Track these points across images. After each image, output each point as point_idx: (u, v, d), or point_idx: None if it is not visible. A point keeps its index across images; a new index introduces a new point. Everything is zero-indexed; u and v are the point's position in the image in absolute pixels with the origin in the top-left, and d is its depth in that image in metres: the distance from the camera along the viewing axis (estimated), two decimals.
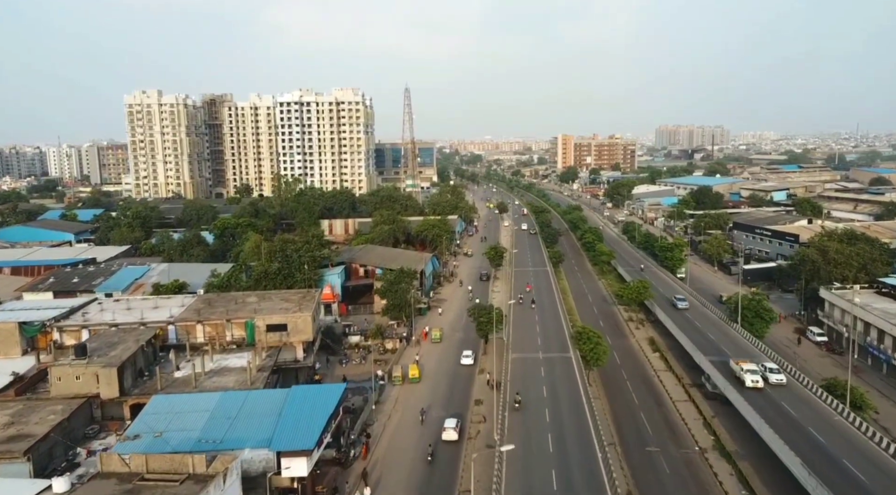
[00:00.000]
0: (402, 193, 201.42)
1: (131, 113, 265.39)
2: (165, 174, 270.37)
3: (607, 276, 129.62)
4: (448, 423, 61.68)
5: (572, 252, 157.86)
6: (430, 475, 54.94)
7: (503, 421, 58.18)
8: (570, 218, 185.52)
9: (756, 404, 59.87)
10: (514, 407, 61.43)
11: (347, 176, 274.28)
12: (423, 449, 58.59)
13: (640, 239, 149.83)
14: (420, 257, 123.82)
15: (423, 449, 58.76)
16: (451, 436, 60.28)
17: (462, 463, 56.30)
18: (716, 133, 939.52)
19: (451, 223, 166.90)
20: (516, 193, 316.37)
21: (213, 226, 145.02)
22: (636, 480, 53.30)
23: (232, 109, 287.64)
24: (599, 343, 71.65)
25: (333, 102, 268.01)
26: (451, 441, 60.03)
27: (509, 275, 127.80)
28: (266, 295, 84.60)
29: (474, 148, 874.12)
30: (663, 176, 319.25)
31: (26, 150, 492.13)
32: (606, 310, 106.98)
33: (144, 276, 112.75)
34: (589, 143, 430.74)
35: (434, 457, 57.25)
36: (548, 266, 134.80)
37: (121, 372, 58.68)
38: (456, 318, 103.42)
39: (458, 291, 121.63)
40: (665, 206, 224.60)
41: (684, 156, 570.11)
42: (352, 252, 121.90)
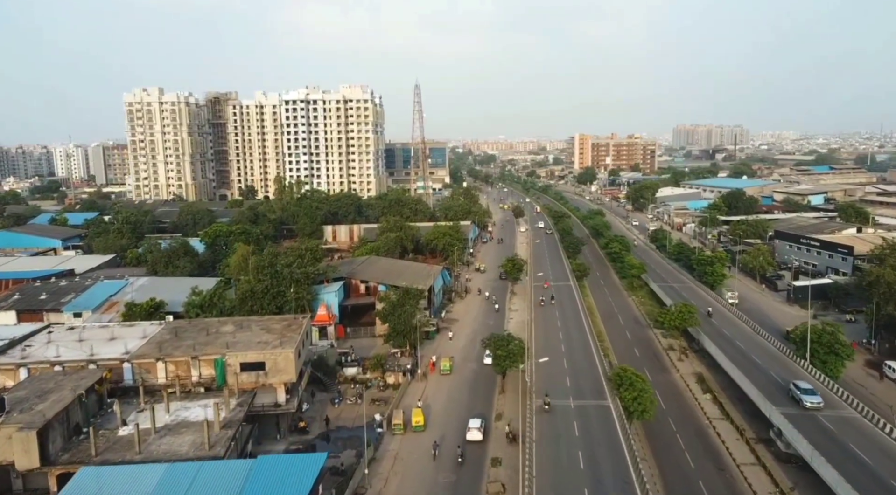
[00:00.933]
0: (412, 197, 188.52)
1: (131, 111, 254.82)
2: (166, 175, 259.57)
3: (638, 292, 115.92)
4: (472, 423, 61.63)
5: (596, 263, 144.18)
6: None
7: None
8: (593, 224, 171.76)
9: (850, 474, 46.47)
10: (543, 409, 60.64)
11: (355, 177, 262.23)
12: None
13: (672, 249, 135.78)
14: (429, 271, 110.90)
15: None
16: (476, 437, 60.33)
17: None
18: (735, 132, 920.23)
19: (463, 230, 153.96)
20: (532, 195, 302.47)
21: (204, 234, 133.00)
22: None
23: (236, 108, 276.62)
24: (645, 390, 58.31)
25: (341, 100, 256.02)
26: (475, 441, 59.95)
27: (528, 291, 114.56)
28: (245, 322, 72.04)
29: (488, 148, 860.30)
30: (687, 177, 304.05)
31: (33, 150, 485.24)
32: (641, 334, 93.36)
33: (120, 292, 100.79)
34: (607, 143, 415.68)
35: (464, 458, 56.98)
36: (571, 280, 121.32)
37: (44, 435, 46.29)
38: (469, 344, 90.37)
39: (472, 309, 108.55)
40: (692, 211, 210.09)
41: (705, 157, 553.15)
42: (352, 265, 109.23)
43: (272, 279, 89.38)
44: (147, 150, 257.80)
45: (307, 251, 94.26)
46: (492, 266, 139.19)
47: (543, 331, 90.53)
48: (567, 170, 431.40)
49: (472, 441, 60.18)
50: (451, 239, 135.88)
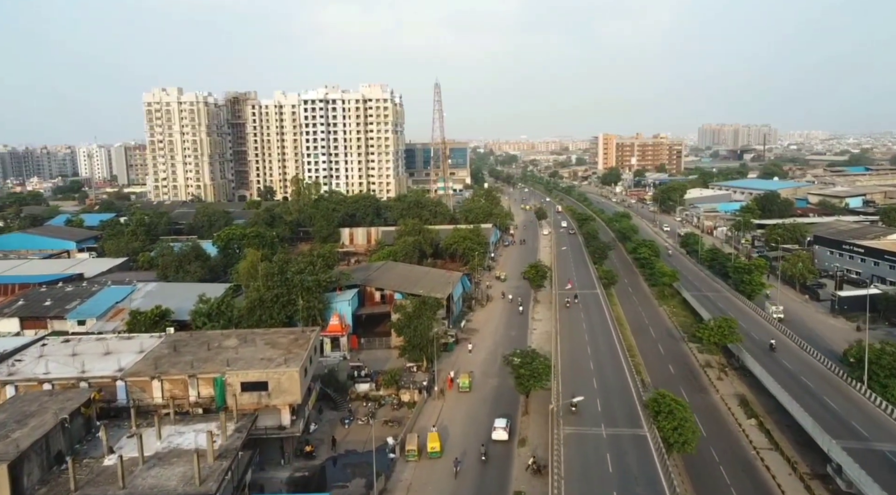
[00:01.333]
0: (431, 199, 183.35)
1: (150, 111, 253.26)
2: (185, 176, 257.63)
3: (669, 302, 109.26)
4: (498, 423, 61.62)
5: (624, 269, 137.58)
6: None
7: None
8: (619, 227, 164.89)
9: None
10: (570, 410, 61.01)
11: (375, 178, 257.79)
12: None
13: (705, 255, 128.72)
14: (448, 277, 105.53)
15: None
16: (502, 436, 60.25)
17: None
18: (762, 132, 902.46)
19: (484, 233, 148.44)
20: (555, 197, 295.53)
21: (216, 237, 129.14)
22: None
23: (255, 108, 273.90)
24: (686, 419, 52.30)
25: (360, 100, 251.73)
26: (501, 440, 59.84)
27: (553, 298, 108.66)
28: (250, 336, 67.22)
29: (509, 148, 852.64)
30: (715, 178, 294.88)
31: (58, 151, 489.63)
32: (675, 349, 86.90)
33: (127, 299, 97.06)
34: (632, 143, 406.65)
35: (487, 458, 56.92)
36: (598, 288, 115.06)
37: (18, 467, 41.75)
38: (490, 357, 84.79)
39: (493, 318, 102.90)
40: (723, 213, 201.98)
41: (733, 157, 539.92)
42: (367, 271, 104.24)
43: (282, 287, 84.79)
44: (166, 151, 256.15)
45: (319, 257, 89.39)
46: (513, 272, 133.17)
47: (569, 344, 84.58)
48: (591, 170, 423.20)
49: (497, 440, 60.14)
50: (471, 243, 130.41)
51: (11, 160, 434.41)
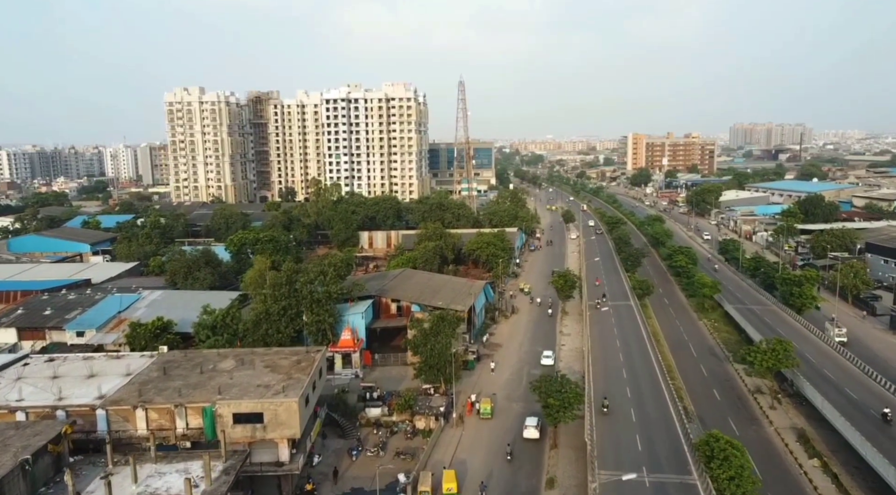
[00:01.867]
0: (454, 201, 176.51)
1: (171, 111, 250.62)
2: (206, 176, 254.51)
3: (710, 315, 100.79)
4: (529, 422, 62.36)
5: (658, 277, 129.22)
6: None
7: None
8: (652, 232, 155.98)
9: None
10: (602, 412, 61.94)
11: (397, 179, 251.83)
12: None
13: (747, 263, 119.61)
14: (469, 287, 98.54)
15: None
16: (533, 435, 61.03)
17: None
18: (796, 131, 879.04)
19: (509, 237, 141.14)
20: (582, 198, 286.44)
21: (229, 242, 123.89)
22: None
23: (277, 108, 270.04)
24: (744, 467, 44.65)
25: (383, 99, 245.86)
26: (532, 439, 60.82)
27: (583, 312, 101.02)
28: (249, 356, 61.01)
29: (535, 148, 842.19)
30: (750, 179, 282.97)
31: (85, 151, 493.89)
32: (719, 371, 78.72)
33: (131, 308, 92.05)
34: (662, 143, 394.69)
35: (513, 457, 57.88)
36: (631, 299, 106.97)
37: None
38: (514, 377, 77.71)
39: (518, 331, 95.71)
40: (761, 217, 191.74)
41: (767, 157, 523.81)
42: (383, 280, 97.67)
43: (290, 299, 78.70)
44: (187, 151, 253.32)
45: (330, 267, 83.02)
46: (540, 281, 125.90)
47: (603, 366, 76.93)
48: (619, 171, 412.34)
49: (528, 439, 60.91)
50: (495, 249, 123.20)
51: (40, 160, 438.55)
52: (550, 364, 69.84)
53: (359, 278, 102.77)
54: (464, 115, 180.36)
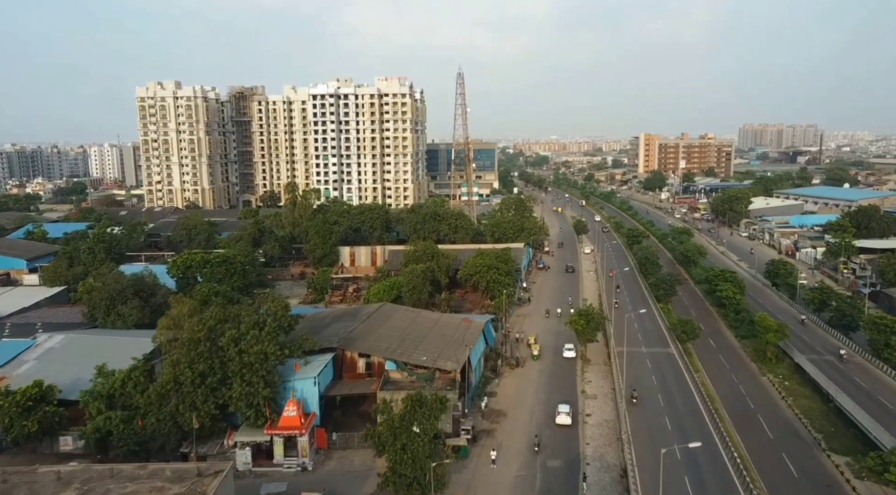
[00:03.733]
0: (451, 210, 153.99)
1: (143, 107, 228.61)
2: (181, 179, 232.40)
3: (774, 367, 78.26)
4: (562, 408, 63.62)
5: (694, 306, 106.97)
6: None
7: None
8: (683, 249, 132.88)
9: None
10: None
11: (391, 183, 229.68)
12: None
13: (810, 295, 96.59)
14: (465, 331, 76.16)
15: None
16: (565, 421, 62.08)
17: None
18: (808, 132, 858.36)
19: (514, 256, 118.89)
20: (593, 204, 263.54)
21: (172, 264, 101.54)
22: None
23: (262, 104, 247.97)
24: None
25: (376, 95, 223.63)
26: (564, 425, 61.38)
27: (613, 366, 78.54)
28: (107, 481, 38.69)
29: (540, 148, 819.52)
30: (775, 184, 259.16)
31: (69, 150, 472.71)
32: (811, 467, 55.86)
33: (16, 360, 69.90)
34: (676, 144, 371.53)
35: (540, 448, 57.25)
36: (671, 345, 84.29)
37: None
38: (524, 471, 55.27)
39: (527, 390, 73.22)
40: (800, 229, 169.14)
41: (785, 159, 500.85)
42: (354, 321, 75.15)
43: (210, 361, 56.48)
44: (160, 151, 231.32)
45: (269, 315, 60.23)
46: (552, 308, 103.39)
47: (648, 450, 54.41)
48: (630, 173, 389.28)
49: (560, 425, 61.64)
50: (497, 274, 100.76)
51: (19, 160, 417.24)
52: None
53: (324, 315, 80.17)
54: (463, 112, 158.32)
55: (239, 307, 64.60)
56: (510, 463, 56.99)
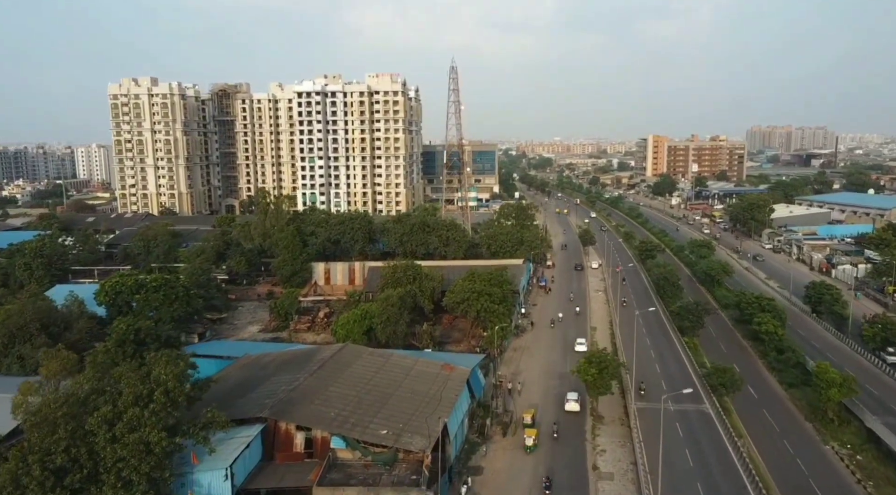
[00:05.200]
0: (443, 219, 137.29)
1: (115, 106, 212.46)
2: (156, 182, 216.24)
3: (837, 432, 61.37)
4: (570, 396, 66.19)
5: (723, 337, 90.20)
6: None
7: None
8: (706, 267, 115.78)
9: None
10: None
11: (382, 187, 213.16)
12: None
13: (871, 331, 79.61)
14: (443, 384, 59.65)
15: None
16: (574, 408, 64.59)
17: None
18: (818, 134, 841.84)
19: (512, 275, 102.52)
20: (599, 210, 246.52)
21: (100, 289, 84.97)
22: None
23: (246, 103, 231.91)
24: None
25: (365, 93, 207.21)
26: (573, 412, 63.98)
27: (628, 421, 61.92)
28: None
29: (543, 150, 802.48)
30: (792, 189, 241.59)
31: (56, 150, 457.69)
32: None
33: None
34: (686, 146, 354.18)
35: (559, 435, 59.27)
36: (704, 399, 67.34)
37: None
38: None
39: (526, 461, 56.54)
40: (831, 241, 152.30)
41: (798, 162, 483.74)
42: (297, 372, 58.56)
43: (74, 451, 40.06)
44: (134, 152, 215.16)
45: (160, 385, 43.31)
46: (555, 346, 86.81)
47: None
48: (638, 176, 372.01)
49: (570, 411, 64.22)
50: (489, 301, 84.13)
51: (2, 161, 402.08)
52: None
53: (267, 360, 63.52)
54: (456, 110, 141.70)
55: (125, 367, 47.65)
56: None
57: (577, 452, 58.44)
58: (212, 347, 78.82)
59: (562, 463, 56.54)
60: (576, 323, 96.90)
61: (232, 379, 60.39)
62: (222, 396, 52.73)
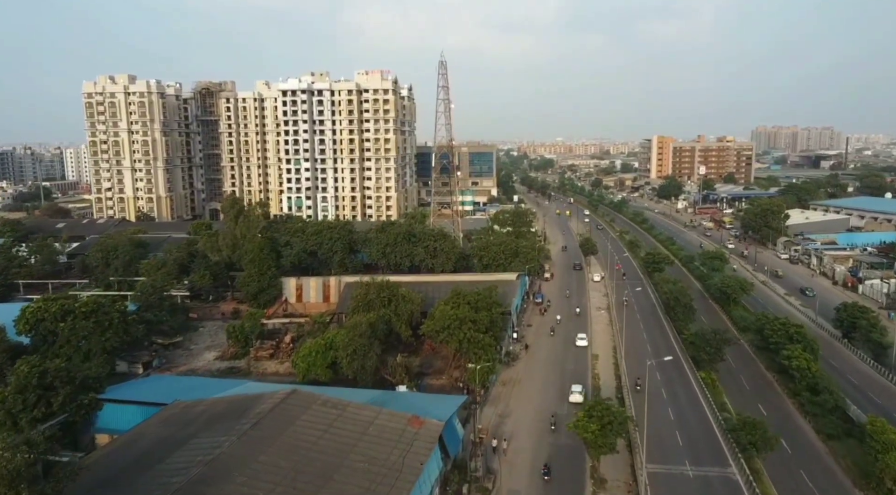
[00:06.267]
0: (430, 230, 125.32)
1: (90, 104, 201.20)
2: (134, 185, 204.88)
3: None
4: (575, 388, 68.46)
5: (746, 371, 78.21)
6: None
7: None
8: (722, 285, 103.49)
9: None
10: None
11: (371, 191, 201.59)
12: None
13: None
14: (405, 449, 47.87)
15: None
16: (577, 399, 65.90)
17: None
18: (824, 135, 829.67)
19: (502, 295, 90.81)
20: (602, 215, 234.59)
21: (20, 316, 73.17)
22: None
23: (231, 102, 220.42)
24: None
25: (354, 91, 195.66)
26: (577, 403, 64.51)
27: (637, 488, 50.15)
28: None
29: (545, 151, 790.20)
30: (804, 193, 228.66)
31: (44, 152, 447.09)
32: None
33: None
34: (692, 147, 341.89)
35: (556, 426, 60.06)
36: (730, 461, 55.26)
37: None
38: None
39: None
40: (850, 251, 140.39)
41: (807, 163, 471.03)
42: (226, 434, 46.89)
43: None
44: (110, 154, 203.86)
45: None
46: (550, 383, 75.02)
47: None
48: (642, 178, 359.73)
49: (574, 402, 65.54)
50: (472, 330, 72.30)
51: None
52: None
53: (197, 411, 51.78)
54: (446, 108, 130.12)
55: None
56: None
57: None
58: (144, 387, 67.14)
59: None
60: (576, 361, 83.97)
61: (143, 441, 48.78)
62: (114, 477, 41.11)
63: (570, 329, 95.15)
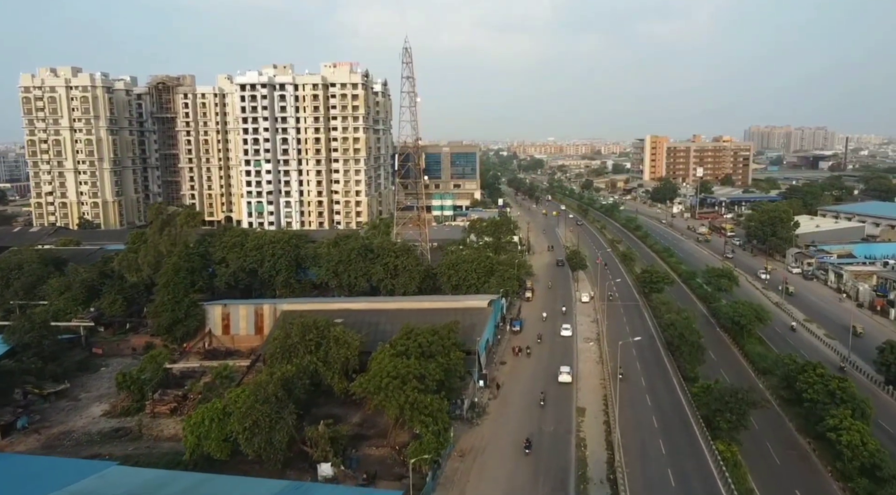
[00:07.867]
0: (391, 244, 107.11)
1: (28, 100, 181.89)
2: (77, 189, 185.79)
3: None
4: (563, 369, 72.13)
5: (775, 439, 60.96)
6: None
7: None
8: (732, 313, 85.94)
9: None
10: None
11: (340, 195, 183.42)
12: None
13: None
14: None
15: None
16: (566, 379, 70.77)
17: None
18: (818, 135, 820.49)
19: (469, 327, 73.38)
20: (592, 220, 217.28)
21: None
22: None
23: (189, 97, 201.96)
24: None
25: (320, 85, 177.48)
26: (565, 383, 70.22)
27: None
28: None
29: (535, 151, 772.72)
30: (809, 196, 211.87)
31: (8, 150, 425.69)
32: None
33: None
34: (687, 148, 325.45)
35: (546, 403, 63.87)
36: None
37: None
38: None
39: None
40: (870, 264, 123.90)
41: (805, 164, 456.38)
42: None
43: None
44: (51, 154, 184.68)
45: None
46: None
47: None
48: (635, 180, 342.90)
49: (562, 382, 70.33)
50: (417, 391, 54.52)
51: None
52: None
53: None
54: (411, 102, 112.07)
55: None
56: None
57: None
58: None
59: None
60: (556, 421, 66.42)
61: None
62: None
63: (553, 359, 77.92)
